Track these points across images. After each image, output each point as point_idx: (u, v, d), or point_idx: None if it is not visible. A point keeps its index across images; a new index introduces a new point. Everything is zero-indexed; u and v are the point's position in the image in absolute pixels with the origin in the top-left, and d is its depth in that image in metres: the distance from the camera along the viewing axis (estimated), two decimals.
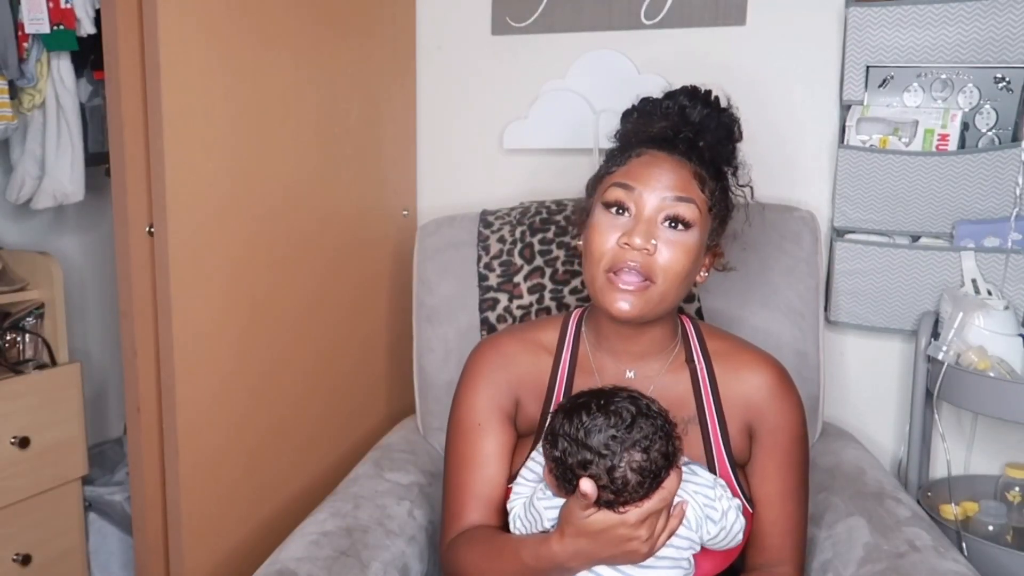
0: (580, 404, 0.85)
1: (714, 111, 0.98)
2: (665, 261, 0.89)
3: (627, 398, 0.85)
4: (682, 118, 0.96)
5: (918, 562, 0.97)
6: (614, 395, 0.86)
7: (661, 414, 0.85)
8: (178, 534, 1.15)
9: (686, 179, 0.91)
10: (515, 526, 0.94)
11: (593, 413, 0.83)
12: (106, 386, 1.96)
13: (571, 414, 0.84)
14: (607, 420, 0.83)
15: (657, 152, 0.93)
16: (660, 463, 0.82)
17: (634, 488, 0.81)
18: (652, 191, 0.90)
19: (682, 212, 0.90)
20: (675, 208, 0.90)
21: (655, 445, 0.82)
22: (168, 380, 1.12)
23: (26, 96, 1.52)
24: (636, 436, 0.82)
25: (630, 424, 0.82)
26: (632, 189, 0.91)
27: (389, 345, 1.66)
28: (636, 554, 0.83)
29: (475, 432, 1.01)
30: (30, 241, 1.78)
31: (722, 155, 0.98)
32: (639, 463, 0.81)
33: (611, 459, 0.81)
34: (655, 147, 0.94)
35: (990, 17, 1.32)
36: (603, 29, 1.60)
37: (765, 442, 0.97)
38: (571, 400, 0.88)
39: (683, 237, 0.90)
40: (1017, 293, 1.34)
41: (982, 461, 1.46)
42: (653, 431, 0.83)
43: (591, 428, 0.82)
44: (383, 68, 1.60)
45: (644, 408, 0.84)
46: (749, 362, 1.00)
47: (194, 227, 1.13)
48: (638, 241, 0.88)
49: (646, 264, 0.89)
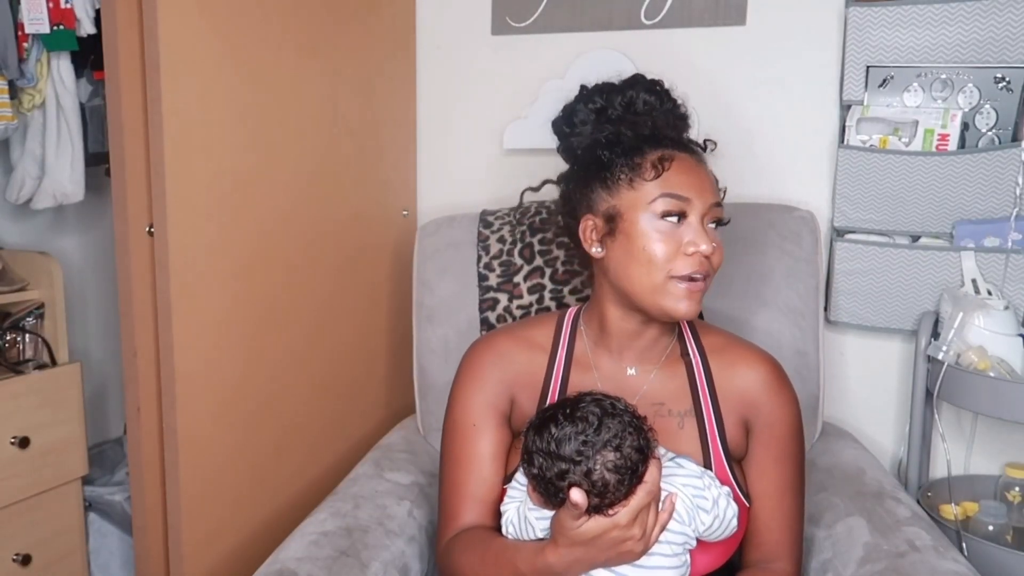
0: (547, 417, 0.86)
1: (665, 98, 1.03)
2: (717, 260, 0.94)
3: (591, 401, 0.86)
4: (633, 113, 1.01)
5: (918, 562, 0.97)
6: (578, 401, 0.87)
7: (627, 410, 0.86)
8: (178, 534, 1.14)
9: (711, 179, 0.96)
10: (507, 530, 0.94)
11: (560, 423, 0.85)
12: (106, 386, 1.96)
13: (540, 429, 0.86)
14: (575, 427, 0.84)
15: (681, 155, 0.95)
16: (635, 457, 0.83)
17: (615, 487, 0.81)
18: (700, 199, 0.93)
19: (720, 214, 0.95)
20: (718, 212, 0.95)
21: (626, 441, 0.83)
22: (168, 380, 1.12)
23: (26, 96, 1.52)
24: (605, 436, 0.83)
25: (597, 426, 0.83)
26: (684, 199, 0.92)
27: (389, 345, 1.66)
28: (631, 554, 0.83)
29: (470, 432, 1.01)
30: (30, 241, 1.78)
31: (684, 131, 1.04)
32: (614, 462, 0.82)
33: (586, 463, 0.82)
34: (675, 148, 0.96)
35: (990, 17, 1.32)
36: (603, 29, 1.60)
37: (761, 436, 0.98)
38: (539, 415, 0.89)
39: (720, 235, 0.96)
40: (1017, 293, 1.34)
41: (982, 461, 1.46)
42: (622, 428, 0.84)
43: (560, 438, 0.84)
44: (383, 68, 1.60)
45: (609, 408, 0.85)
46: (744, 357, 1.00)
47: (194, 227, 1.13)
48: (705, 247, 0.91)
49: (709, 266, 0.93)
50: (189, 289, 1.12)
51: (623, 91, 1.02)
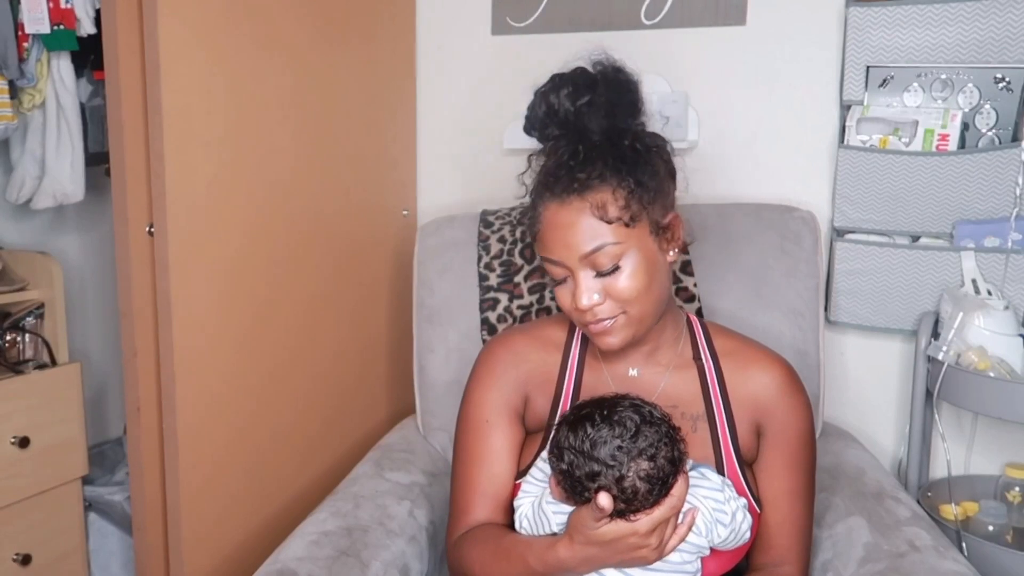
0: (583, 415, 0.85)
1: (585, 87, 0.93)
2: (622, 295, 0.89)
3: (630, 407, 0.85)
4: (566, 122, 0.93)
5: (918, 562, 0.97)
6: (616, 404, 0.85)
7: (664, 420, 0.85)
8: (178, 534, 1.14)
9: (587, 225, 0.88)
10: (520, 525, 0.94)
11: (597, 424, 0.83)
12: (106, 386, 1.96)
13: (575, 426, 0.85)
14: (612, 431, 0.83)
15: (551, 204, 0.90)
16: (667, 469, 0.82)
17: (644, 496, 0.81)
18: (568, 253, 0.89)
19: (602, 261, 0.88)
20: (594, 259, 0.88)
21: (661, 452, 0.82)
22: (168, 380, 1.12)
23: (26, 96, 1.52)
24: (642, 445, 0.82)
25: (635, 433, 0.82)
26: (555, 262, 0.91)
27: (390, 345, 1.66)
28: (644, 560, 0.83)
29: (484, 429, 1.01)
30: (30, 241, 1.78)
31: (618, 127, 0.93)
32: (647, 471, 0.81)
33: (619, 469, 0.81)
34: (549, 196, 0.90)
35: (990, 17, 1.32)
36: (603, 29, 1.60)
37: (773, 441, 0.97)
38: (574, 411, 0.88)
39: (620, 274, 0.89)
40: (1017, 293, 1.34)
41: (982, 461, 1.46)
42: (658, 438, 0.83)
43: (596, 440, 0.82)
44: (383, 68, 1.60)
45: (647, 416, 0.84)
46: (758, 360, 1.00)
47: (194, 227, 1.13)
48: (584, 303, 0.89)
49: (606, 308, 0.90)
50: (189, 289, 1.12)
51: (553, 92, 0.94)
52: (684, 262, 1.33)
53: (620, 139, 0.92)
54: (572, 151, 0.91)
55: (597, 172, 0.89)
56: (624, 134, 0.93)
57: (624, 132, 0.93)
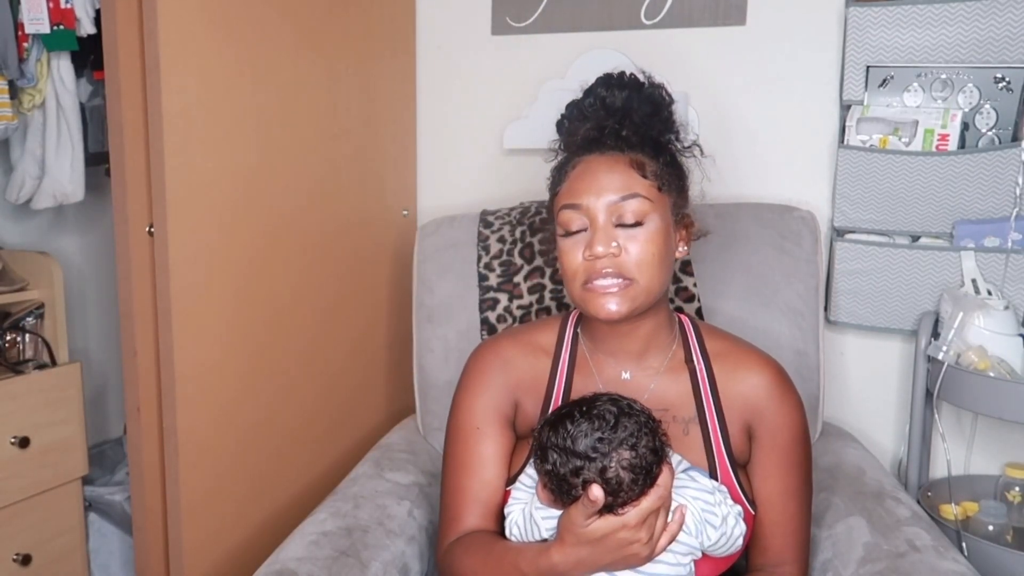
0: (563, 414, 0.86)
1: (634, 90, 0.99)
2: (636, 256, 0.90)
3: (608, 400, 0.86)
4: (606, 110, 0.98)
5: (918, 562, 0.97)
6: (595, 400, 0.87)
7: (644, 411, 0.86)
8: (178, 534, 1.14)
9: (624, 174, 0.92)
10: (511, 532, 0.94)
11: (577, 420, 0.85)
12: (106, 386, 1.96)
13: (556, 425, 0.86)
14: (591, 424, 0.84)
15: (588, 157, 0.94)
16: (650, 458, 0.83)
17: (629, 486, 0.81)
18: (596, 199, 0.91)
19: (630, 211, 0.90)
20: (621, 209, 0.90)
21: (642, 441, 0.83)
22: (168, 380, 1.12)
23: (26, 96, 1.52)
24: (622, 435, 0.83)
25: (614, 424, 0.84)
26: (578, 206, 0.92)
27: (389, 345, 1.66)
28: (636, 557, 0.83)
29: (474, 436, 1.01)
30: (30, 241, 1.78)
31: (655, 128, 0.98)
32: (629, 460, 0.82)
33: (601, 460, 0.82)
34: (585, 152, 0.95)
35: (990, 17, 1.32)
36: (603, 29, 1.60)
37: (765, 442, 0.97)
38: (555, 412, 0.89)
39: (641, 231, 0.91)
40: (1017, 293, 1.34)
41: (982, 461, 1.46)
42: (638, 428, 0.84)
43: (576, 435, 0.84)
44: (383, 68, 1.60)
45: (626, 407, 0.86)
46: (748, 362, 0.99)
47: (194, 227, 1.13)
48: (600, 249, 0.89)
49: (618, 265, 0.90)
50: (189, 289, 1.12)
51: (603, 87, 1.00)
52: (684, 262, 1.33)
53: (660, 134, 0.99)
54: (619, 119, 0.96)
55: (638, 139, 0.95)
56: (668, 130, 1.00)
57: (666, 129, 1.00)
